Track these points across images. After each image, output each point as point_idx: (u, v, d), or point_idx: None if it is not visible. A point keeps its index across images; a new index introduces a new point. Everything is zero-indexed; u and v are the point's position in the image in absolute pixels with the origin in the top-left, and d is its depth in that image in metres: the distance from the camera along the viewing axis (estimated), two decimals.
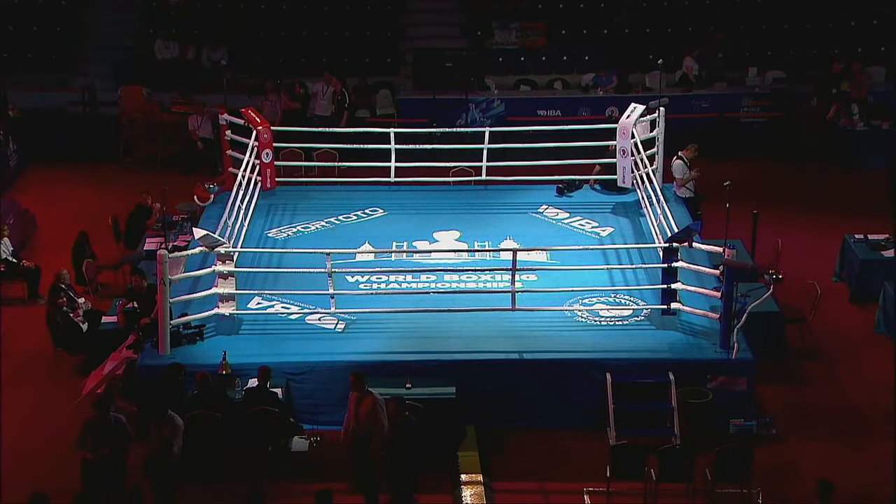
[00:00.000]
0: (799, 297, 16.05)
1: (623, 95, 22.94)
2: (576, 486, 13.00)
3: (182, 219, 18.08)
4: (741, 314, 14.06)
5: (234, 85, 22.23)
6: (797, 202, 20.56)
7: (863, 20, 24.85)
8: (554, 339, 14.50)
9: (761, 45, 24.73)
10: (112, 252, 18.04)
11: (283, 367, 13.93)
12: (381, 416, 12.53)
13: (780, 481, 13.05)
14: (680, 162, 18.02)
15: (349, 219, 18.05)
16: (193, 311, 14.75)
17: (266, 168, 18.46)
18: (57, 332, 15.56)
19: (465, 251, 16.69)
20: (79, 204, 20.58)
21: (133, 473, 12.77)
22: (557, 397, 14.06)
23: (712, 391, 13.84)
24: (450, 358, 14.10)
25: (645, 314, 14.99)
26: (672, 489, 12.66)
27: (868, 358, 15.61)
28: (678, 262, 14.62)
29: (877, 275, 16.70)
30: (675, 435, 13.62)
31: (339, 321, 14.87)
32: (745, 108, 23.52)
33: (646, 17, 25.27)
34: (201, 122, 22.03)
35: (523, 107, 23.64)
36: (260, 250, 16.73)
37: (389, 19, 25.49)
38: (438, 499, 12.85)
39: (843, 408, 14.58)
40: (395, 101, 23.72)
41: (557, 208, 18.35)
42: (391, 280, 15.91)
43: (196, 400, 13.16)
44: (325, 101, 22.68)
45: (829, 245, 18.03)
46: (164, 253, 14.09)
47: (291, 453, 13.44)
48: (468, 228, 17.50)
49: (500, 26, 24.93)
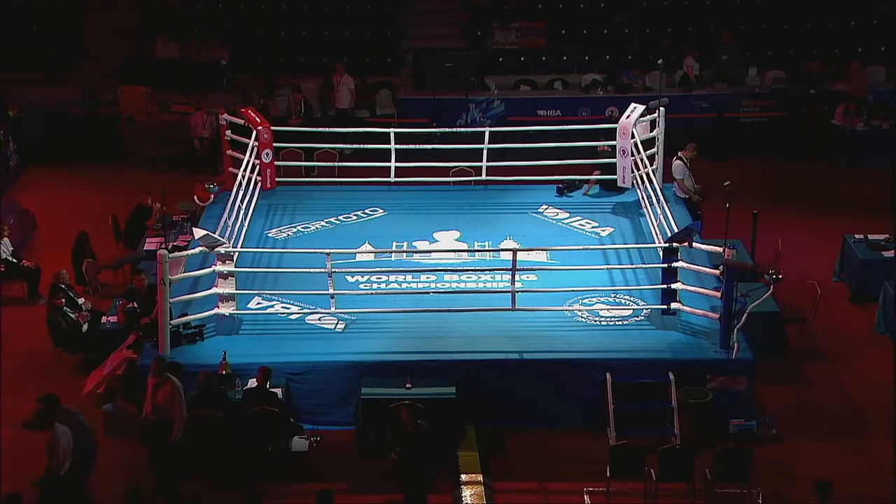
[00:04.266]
0: (799, 297, 16.06)
1: (623, 95, 22.95)
2: (576, 486, 13.00)
3: (182, 219, 18.09)
4: (741, 314, 14.06)
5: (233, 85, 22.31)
6: (797, 202, 20.57)
7: (863, 20, 24.87)
8: (554, 339, 14.50)
9: (761, 45, 24.75)
10: (112, 252, 18.03)
11: (283, 367, 13.93)
12: (180, 402, 12.56)
13: (780, 481, 13.05)
14: (679, 162, 18.02)
15: (349, 219, 18.05)
16: (193, 311, 14.76)
17: (266, 168, 18.46)
18: (57, 331, 15.55)
19: (465, 251, 16.69)
20: (79, 204, 20.59)
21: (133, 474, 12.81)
22: (557, 397, 14.06)
23: (712, 391, 13.85)
24: (450, 358, 14.10)
25: (645, 314, 14.99)
26: (672, 489, 12.66)
27: (868, 358, 15.62)
28: (678, 262, 14.63)
29: (877, 275, 16.70)
30: (675, 435, 13.62)
31: (339, 321, 14.88)
32: (745, 108, 23.54)
33: (646, 17, 25.28)
34: (205, 120, 22.05)
35: (523, 107, 23.66)
36: (260, 250, 16.73)
37: (389, 19, 25.50)
38: (438, 499, 12.84)
39: (843, 408, 14.58)
40: (395, 101, 23.73)
41: (557, 208, 18.35)
42: (391, 280, 15.91)
43: (196, 399, 13.16)
44: (343, 95, 22.79)
45: (829, 245, 18.03)
46: (164, 253, 14.09)
47: (291, 453, 13.44)
48: (468, 228, 17.50)
49: (500, 26, 24.95)
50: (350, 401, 13.89)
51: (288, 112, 22.83)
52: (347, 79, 23.01)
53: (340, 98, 23.04)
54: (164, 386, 12.66)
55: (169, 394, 12.63)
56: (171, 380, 12.72)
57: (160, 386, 12.67)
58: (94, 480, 12.59)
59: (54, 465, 11.91)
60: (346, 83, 22.98)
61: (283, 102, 23.02)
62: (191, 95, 23.23)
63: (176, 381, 12.75)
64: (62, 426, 12.04)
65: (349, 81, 23.01)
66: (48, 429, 11.97)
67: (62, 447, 11.95)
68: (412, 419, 12.57)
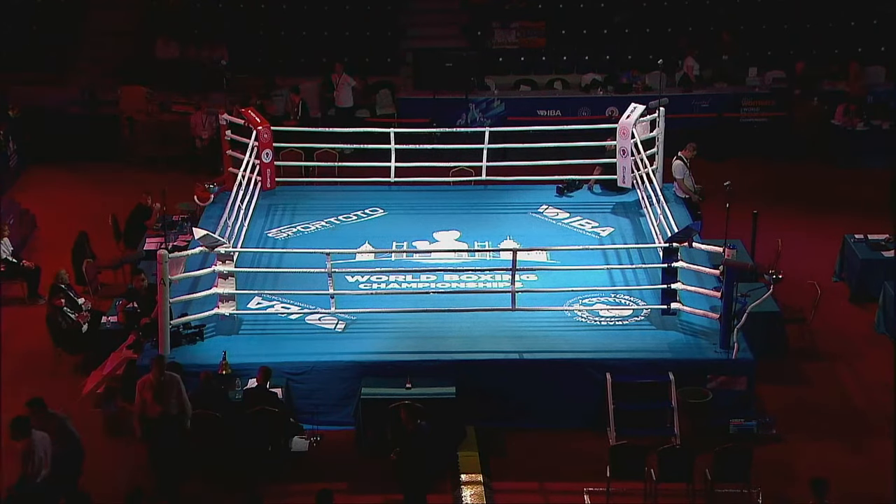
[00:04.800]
0: (799, 297, 16.06)
1: (623, 95, 22.95)
2: (576, 486, 13.00)
3: (182, 219, 18.09)
4: (741, 314, 14.06)
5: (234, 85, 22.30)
6: (797, 202, 20.57)
7: (863, 20, 24.87)
8: (554, 339, 14.50)
9: (761, 45, 24.75)
10: (112, 252, 18.03)
11: (283, 367, 13.93)
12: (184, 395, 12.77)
13: (780, 481, 13.05)
14: (679, 162, 18.02)
15: (349, 219, 18.05)
16: (193, 311, 14.76)
17: (266, 168, 18.46)
18: (57, 331, 15.55)
19: (465, 251, 16.69)
20: (79, 204, 20.59)
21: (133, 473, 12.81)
22: (557, 397, 14.06)
23: (712, 391, 13.85)
24: (450, 358, 14.10)
25: (645, 314, 14.99)
26: (672, 489, 12.65)
27: (868, 358, 15.61)
28: (678, 262, 14.63)
29: (877, 275, 16.70)
30: (675, 435, 13.62)
31: (339, 321, 14.87)
32: (745, 108, 23.53)
33: (646, 17, 25.28)
34: (205, 121, 22.06)
35: (523, 107, 23.66)
36: (260, 250, 16.73)
37: (389, 19, 25.51)
38: (438, 499, 12.85)
39: (843, 408, 14.58)
40: (395, 101, 23.74)
41: (557, 208, 18.35)
42: (391, 280, 15.91)
43: (196, 399, 13.16)
44: (344, 94, 22.81)
45: (829, 245, 18.03)
46: (164, 253, 14.09)
47: (291, 453, 13.44)
48: (468, 228, 17.50)
49: (500, 26, 24.95)
50: (350, 401, 13.89)
51: (285, 113, 22.83)
52: (347, 78, 23.02)
53: (341, 97, 23.04)
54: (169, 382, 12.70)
55: (175, 389, 12.68)
56: (174, 375, 12.78)
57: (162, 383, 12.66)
58: (95, 480, 12.59)
59: (28, 474, 11.80)
60: (346, 82, 23.00)
61: (280, 103, 23.01)
62: (191, 95, 23.23)
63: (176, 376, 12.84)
64: (40, 433, 11.91)
65: (349, 80, 23.02)
66: (25, 437, 11.82)
67: (37, 455, 11.83)
68: (412, 419, 12.57)
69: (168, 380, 12.72)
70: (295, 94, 22.66)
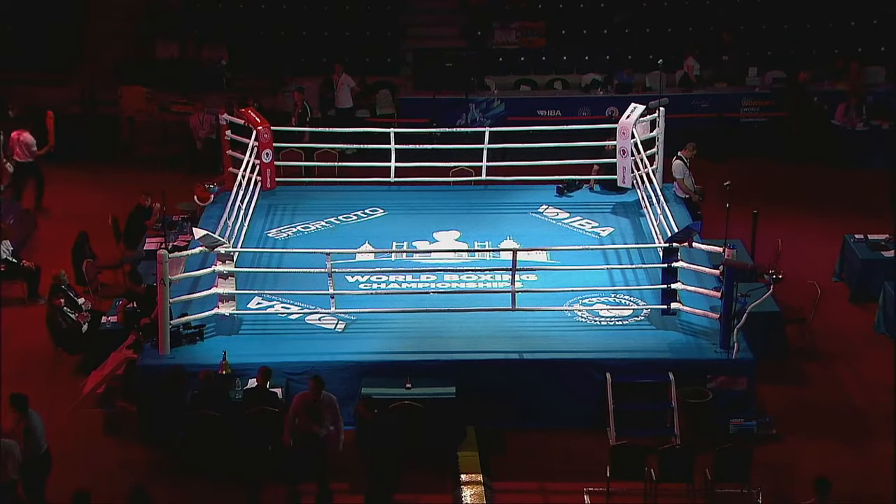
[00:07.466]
0: (799, 297, 16.05)
1: (623, 95, 22.95)
2: (576, 486, 13.01)
3: (182, 219, 18.09)
4: (741, 314, 14.05)
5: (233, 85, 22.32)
6: (797, 202, 20.56)
7: (863, 20, 24.86)
8: (554, 339, 14.50)
9: (761, 45, 24.74)
10: (112, 252, 18.03)
11: (283, 367, 13.93)
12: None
13: (780, 481, 13.05)
14: (679, 162, 18.01)
15: (349, 219, 18.05)
16: (193, 311, 14.75)
17: (266, 168, 18.46)
18: (57, 331, 15.55)
19: (465, 251, 16.69)
20: (79, 204, 20.57)
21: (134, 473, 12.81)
22: (557, 397, 14.06)
23: (712, 391, 13.85)
24: (450, 358, 14.10)
25: (645, 314, 14.99)
26: (672, 489, 12.66)
27: (868, 358, 15.61)
28: (678, 262, 14.63)
29: (877, 275, 16.70)
30: (675, 435, 13.62)
31: (339, 321, 14.88)
32: (745, 108, 23.52)
33: (646, 17, 25.28)
34: (206, 120, 22.07)
35: (523, 107, 23.65)
36: (260, 250, 16.73)
37: (389, 19, 25.50)
38: (438, 499, 12.86)
39: (843, 408, 14.58)
40: (395, 101, 23.73)
41: (557, 208, 18.35)
42: (391, 280, 15.91)
43: (196, 399, 13.16)
44: (343, 95, 22.82)
45: (829, 245, 18.03)
46: (164, 253, 14.09)
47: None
48: (468, 228, 17.50)
49: (500, 26, 24.95)
50: (350, 401, 13.87)
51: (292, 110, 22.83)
52: (346, 78, 23.00)
53: (340, 98, 23.01)
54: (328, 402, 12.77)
55: (333, 409, 12.75)
56: (331, 396, 12.83)
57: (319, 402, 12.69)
58: (95, 481, 12.59)
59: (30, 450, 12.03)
60: (346, 82, 22.99)
61: (290, 99, 22.97)
62: (191, 95, 23.22)
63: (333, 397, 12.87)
64: (7, 441, 11.97)
65: (349, 80, 23.01)
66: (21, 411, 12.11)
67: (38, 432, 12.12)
68: (369, 410, 12.67)
69: (325, 399, 12.70)
70: (298, 92, 22.65)
